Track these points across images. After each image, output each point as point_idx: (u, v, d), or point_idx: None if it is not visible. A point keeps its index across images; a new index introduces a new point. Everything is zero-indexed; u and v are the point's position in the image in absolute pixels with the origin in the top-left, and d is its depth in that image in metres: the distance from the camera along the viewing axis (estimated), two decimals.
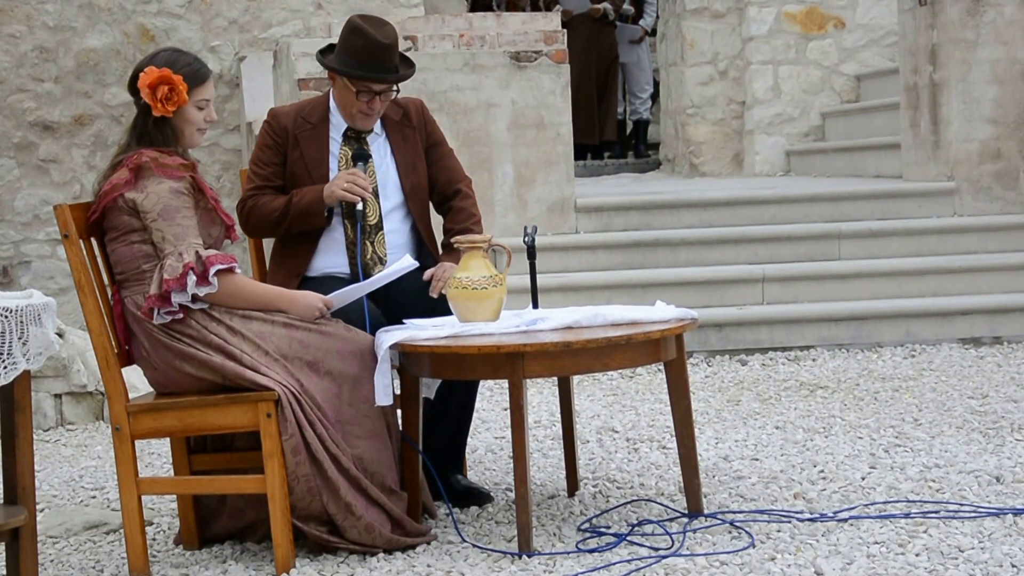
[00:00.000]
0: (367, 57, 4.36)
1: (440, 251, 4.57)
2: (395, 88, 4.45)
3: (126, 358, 3.97)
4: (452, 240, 4.27)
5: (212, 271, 3.82)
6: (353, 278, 4.34)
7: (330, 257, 4.45)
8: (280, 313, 3.94)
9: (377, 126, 4.52)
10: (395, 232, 4.48)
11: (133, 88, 3.94)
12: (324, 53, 4.48)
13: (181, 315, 3.84)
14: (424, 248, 4.54)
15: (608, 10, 11.81)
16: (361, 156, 4.45)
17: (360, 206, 4.36)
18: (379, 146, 4.51)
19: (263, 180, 4.47)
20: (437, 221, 4.60)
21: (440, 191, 4.60)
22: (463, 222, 4.56)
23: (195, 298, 3.84)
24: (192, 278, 3.79)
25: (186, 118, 3.94)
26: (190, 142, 3.97)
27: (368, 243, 4.45)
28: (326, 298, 4.01)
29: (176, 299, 3.81)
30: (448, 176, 4.61)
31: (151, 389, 4.10)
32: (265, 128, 4.53)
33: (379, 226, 4.46)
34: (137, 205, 3.85)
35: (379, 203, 4.47)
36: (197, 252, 3.83)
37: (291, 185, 4.46)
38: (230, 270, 3.86)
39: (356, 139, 4.49)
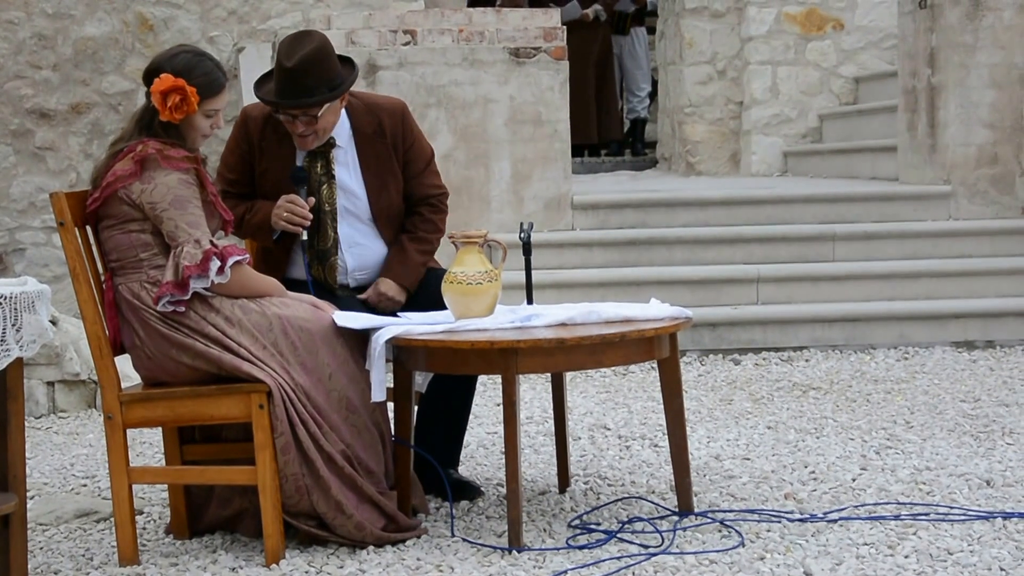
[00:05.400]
0: (277, 81, 4.23)
1: (388, 253, 4.41)
2: (313, 113, 4.20)
3: (118, 346, 3.97)
4: (449, 235, 4.24)
5: (230, 262, 3.82)
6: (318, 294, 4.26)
7: (299, 268, 4.39)
8: (276, 309, 3.93)
9: (345, 139, 4.36)
10: (364, 251, 4.38)
11: (148, 80, 3.91)
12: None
13: (183, 307, 3.84)
14: None
15: (599, 12, 11.81)
16: (297, 179, 4.28)
17: (304, 236, 4.26)
18: (347, 161, 4.36)
19: (227, 184, 4.40)
20: None
21: (415, 202, 4.47)
22: (426, 232, 4.42)
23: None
24: (216, 263, 3.79)
25: (192, 124, 3.93)
26: (191, 145, 3.96)
27: (320, 267, 4.35)
28: (323, 303, 4.02)
29: (195, 285, 3.80)
30: (428, 192, 4.46)
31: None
32: (235, 131, 4.42)
33: (332, 251, 4.34)
34: (142, 197, 3.83)
35: (333, 226, 4.33)
36: (211, 241, 3.84)
37: (260, 193, 4.36)
38: (241, 262, 3.87)
39: (320, 153, 4.33)
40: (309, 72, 4.17)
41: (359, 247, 4.39)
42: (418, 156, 4.45)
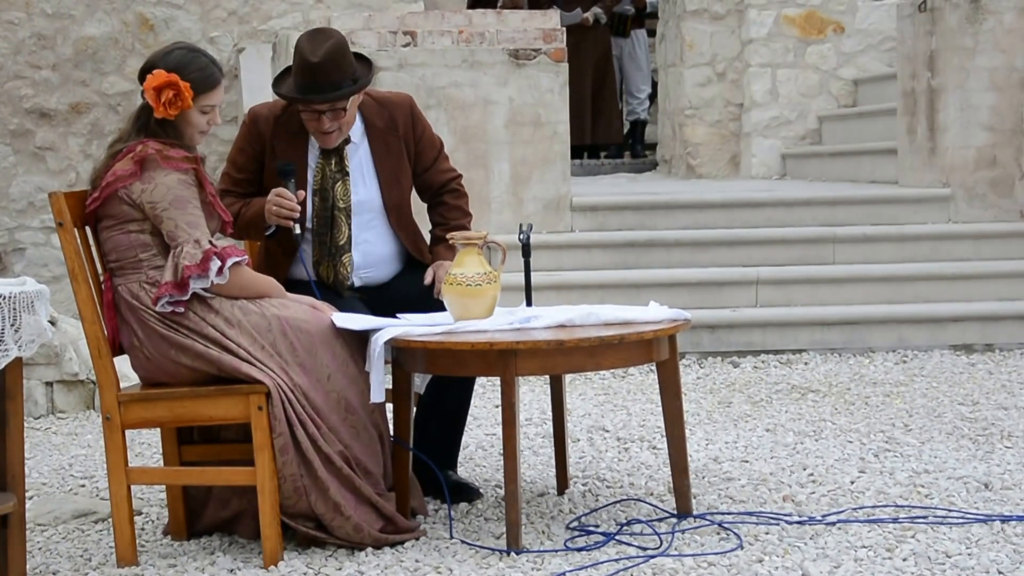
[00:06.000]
0: (301, 77, 4.22)
1: (431, 250, 4.49)
2: (341, 107, 4.22)
3: (117, 347, 3.97)
4: (448, 237, 4.24)
5: (229, 262, 3.82)
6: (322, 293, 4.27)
7: (301, 268, 4.38)
8: (275, 310, 3.92)
9: (358, 134, 4.37)
10: (370, 248, 4.38)
11: (143, 79, 3.91)
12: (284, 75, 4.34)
13: (182, 308, 3.84)
14: (412, 259, 4.46)
15: (599, 15, 11.80)
16: (284, 172, 4.27)
17: (296, 229, 4.24)
18: (359, 157, 4.37)
19: (232, 184, 4.39)
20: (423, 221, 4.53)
21: (434, 192, 4.53)
22: (457, 219, 4.50)
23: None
24: (216, 263, 3.79)
25: (188, 120, 3.93)
26: (189, 142, 3.96)
27: (331, 264, 4.36)
28: (322, 304, 4.02)
29: (195, 285, 3.80)
30: (444, 179, 4.51)
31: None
32: (243, 131, 4.41)
33: (346, 247, 4.35)
34: (142, 197, 3.83)
35: (348, 223, 4.34)
36: (211, 242, 3.84)
37: (268, 193, 4.34)
38: (241, 263, 3.87)
39: (334, 150, 4.33)
40: (334, 66, 4.20)
41: (367, 244, 4.39)
42: (429, 146, 4.49)
